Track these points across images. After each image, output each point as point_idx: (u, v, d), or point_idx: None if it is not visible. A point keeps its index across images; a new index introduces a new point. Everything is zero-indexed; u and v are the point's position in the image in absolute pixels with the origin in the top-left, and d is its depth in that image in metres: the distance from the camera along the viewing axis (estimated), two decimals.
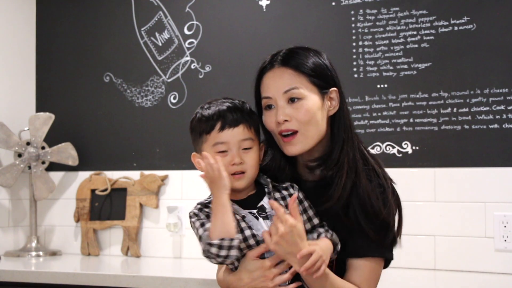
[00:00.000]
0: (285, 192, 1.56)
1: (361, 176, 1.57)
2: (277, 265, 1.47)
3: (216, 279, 1.67)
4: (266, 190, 1.55)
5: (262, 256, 1.49)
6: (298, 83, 1.55)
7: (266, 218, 1.50)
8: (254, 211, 1.51)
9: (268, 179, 1.57)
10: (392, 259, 1.63)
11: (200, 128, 1.53)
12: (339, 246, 1.54)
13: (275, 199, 1.53)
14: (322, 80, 1.58)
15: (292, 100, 1.55)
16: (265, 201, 1.53)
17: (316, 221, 1.55)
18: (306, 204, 1.56)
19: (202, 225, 1.48)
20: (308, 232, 1.53)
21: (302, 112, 1.54)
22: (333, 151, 1.58)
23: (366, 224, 1.55)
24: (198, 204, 1.56)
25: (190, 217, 1.54)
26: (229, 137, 1.51)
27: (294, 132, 1.55)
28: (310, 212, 1.55)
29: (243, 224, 1.48)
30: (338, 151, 1.57)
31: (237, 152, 1.51)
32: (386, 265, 1.64)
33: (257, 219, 1.50)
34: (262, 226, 1.49)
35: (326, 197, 1.56)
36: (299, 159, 1.66)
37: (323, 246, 1.46)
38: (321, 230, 1.54)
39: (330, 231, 1.55)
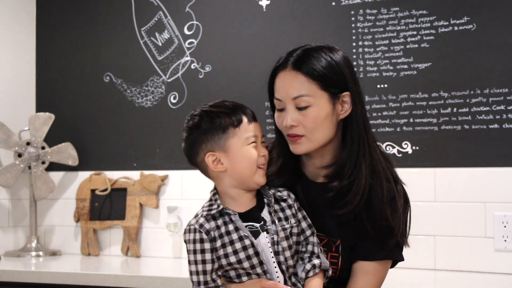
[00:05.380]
0: (283, 204, 1.53)
1: (378, 179, 1.56)
2: None
3: None
4: (266, 201, 1.52)
5: None
6: (308, 90, 1.52)
7: (266, 232, 1.48)
8: (257, 224, 1.48)
9: (270, 191, 1.54)
10: (402, 260, 1.63)
11: (225, 122, 1.48)
12: (330, 272, 1.53)
13: (275, 211, 1.51)
14: (334, 85, 1.54)
15: (300, 108, 1.53)
16: (264, 213, 1.50)
17: (308, 233, 1.53)
18: (300, 215, 1.54)
19: (203, 251, 1.45)
20: (300, 244, 1.52)
21: (309, 120, 1.52)
22: (348, 159, 1.56)
23: (368, 222, 1.55)
24: (199, 217, 1.49)
25: (189, 231, 1.47)
26: (257, 130, 1.51)
27: (301, 136, 1.55)
28: (304, 224, 1.53)
29: (250, 251, 1.44)
30: (354, 159, 1.55)
31: (261, 145, 1.52)
32: (393, 265, 1.65)
33: (259, 233, 1.47)
34: (260, 244, 1.46)
35: (344, 203, 1.54)
36: (309, 161, 1.64)
37: None
38: (309, 265, 1.50)
39: (319, 257, 1.51)
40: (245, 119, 1.49)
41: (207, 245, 1.45)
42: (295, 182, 1.63)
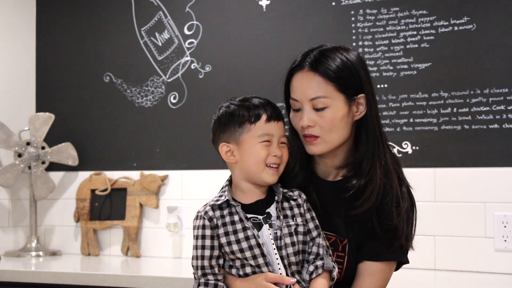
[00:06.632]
0: (293, 203, 1.56)
1: (390, 179, 1.58)
2: None
3: None
4: (276, 198, 1.54)
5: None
6: (325, 91, 1.54)
7: (270, 226, 1.50)
8: (260, 217, 1.51)
9: (281, 188, 1.56)
10: (407, 262, 1.64)
11: (243, 117, 1.52)
12: (335, 273, 1.53)
13: (283, 209, 1.53)
14: (350, 86, 1.56)
15: (317, 109, 1.55)
16: (271, 209, 1.53)
17: (315, 234, 1.54)
18: (308, 216, 1.55)
19: (203, 237, 1.50)
20: (306, 244, 1.53)
21: (326, 120, 1.54)
22: (364, 159, 1.58)
23: (377, 223, 1.56)
24: (207, 206, 1.54)
25: (196, 218, 1.54)
26: (274, 130, 1.52)
27: (316, 136, 1.56)
28: (311, 225, 1.54)
29: (253, 242, 1.47)
30: (369, 159, 1.57)
31: (277, 145, 1.53)
32: (397, 267, 1.66)
33: (261, 225, 1.50)
34: (262, 236, 1.48)
35: (360, 203, 1.55)
36: (321, 161, 1.65)
37: None
38: (312, 267, 1.51)
39: (322, 259, 1.52)
40: (263, 117, 1.51)
41: (207, 232, 1.51)
42: (309, 181, 1.64)
